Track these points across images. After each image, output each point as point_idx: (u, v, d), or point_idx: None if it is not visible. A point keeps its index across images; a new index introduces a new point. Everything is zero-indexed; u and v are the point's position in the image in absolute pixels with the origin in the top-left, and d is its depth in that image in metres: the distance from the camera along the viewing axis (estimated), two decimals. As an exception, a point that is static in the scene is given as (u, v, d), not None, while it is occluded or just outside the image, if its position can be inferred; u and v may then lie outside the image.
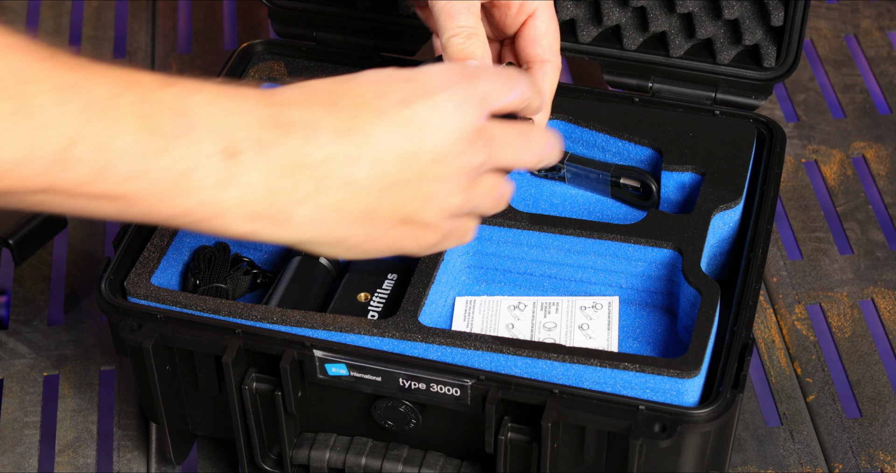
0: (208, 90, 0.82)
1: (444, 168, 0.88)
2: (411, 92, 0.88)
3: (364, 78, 0.89)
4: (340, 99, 0.86)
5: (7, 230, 1.27)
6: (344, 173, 0.85)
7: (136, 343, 1.04)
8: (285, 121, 0.83)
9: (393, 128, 0.86)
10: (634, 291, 1.13)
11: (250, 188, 0.82)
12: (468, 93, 0.89)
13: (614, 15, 1.23)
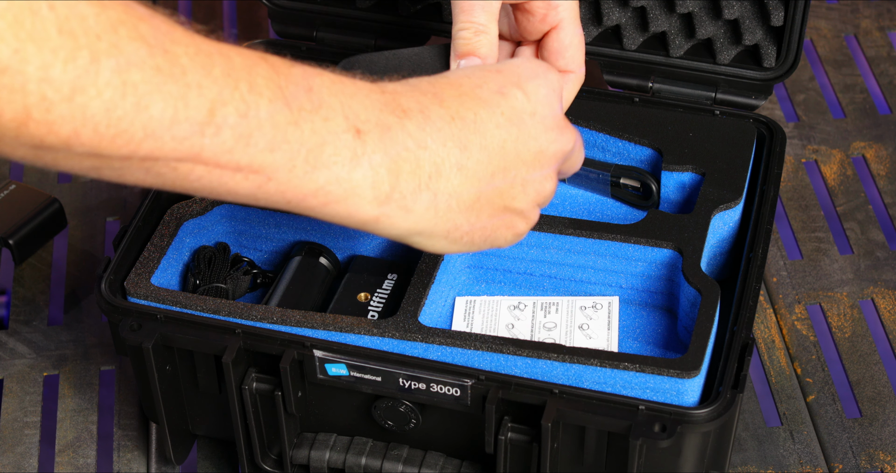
0: (327, 74, 0.82)
1: (541, 154, 0.92)
2: (505, 81, 0.91)
3: (458, 72, 0.92)
4: (443, 89, 0.88)
5: (7, 230, 1.27)
6: (457, 159, 0.87)
7: (136, 343, 1.04)
8: (402, 107, 0.85)
9: (495, 115, 0.89)
10: (634, 291, 1.13)
11: (378, 169, 0.83)
12: (553, 82, 0.94)
13: (614, 15, 1.23)
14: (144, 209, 1.13)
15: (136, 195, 1.38)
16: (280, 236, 1.17)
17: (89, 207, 1.37)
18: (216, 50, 0.76)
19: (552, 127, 0.93)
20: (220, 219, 1.16)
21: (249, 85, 0.76)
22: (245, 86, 0.76)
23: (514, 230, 0.94)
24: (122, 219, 1.36)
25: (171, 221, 1.13)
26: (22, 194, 1.30)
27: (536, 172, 0.92)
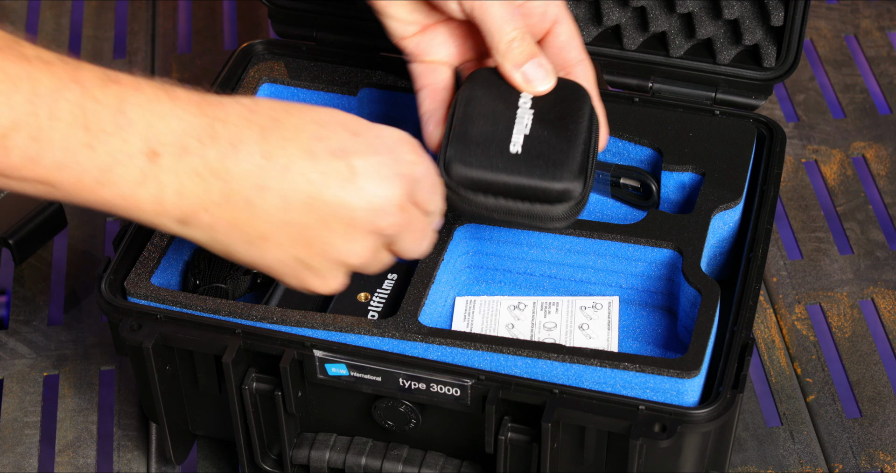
0: (148, 92, 0.86)
1: (349, 227, 0.92)
2: (353, 146, 0.91)
3: (315, 115, 0.92)
4: (279, 127, 0.90)
5: (7, 230, 1.27)
6: (249, 194, 0.89)
7: (136, 343, 1.04)
8: (212, 134, 0.88)
9: (315, 172, 0.89)
10: (634, 291, 1.13)
11: (164, 189, 0.87)
12: (406, 166, 0.93)
13: (614, 15, 1.23)
14: (144, 209, 1.13)
15: (136, 195, 1.38)
16: (280, 236, 1.17)
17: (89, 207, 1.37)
18: (28, 74, 0.81)
19: (378, 208, 0.91)
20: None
21: (50, 111, 0.82)
22: (45, 112, 0.82)
23: (303, 282, 0.95)
24: (122, 219, 1.36)
25: (171, 221, 1.13)
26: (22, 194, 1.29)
27: (342, 242, 0.92)
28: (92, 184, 0.86)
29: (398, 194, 0.92)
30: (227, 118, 0.88)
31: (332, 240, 0.92)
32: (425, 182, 0.96)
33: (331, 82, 1.23)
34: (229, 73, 1.23)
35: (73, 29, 1.55)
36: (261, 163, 0.88)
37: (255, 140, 0.89)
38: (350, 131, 0.92)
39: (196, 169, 0.87)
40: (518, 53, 1.03)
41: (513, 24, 1.02)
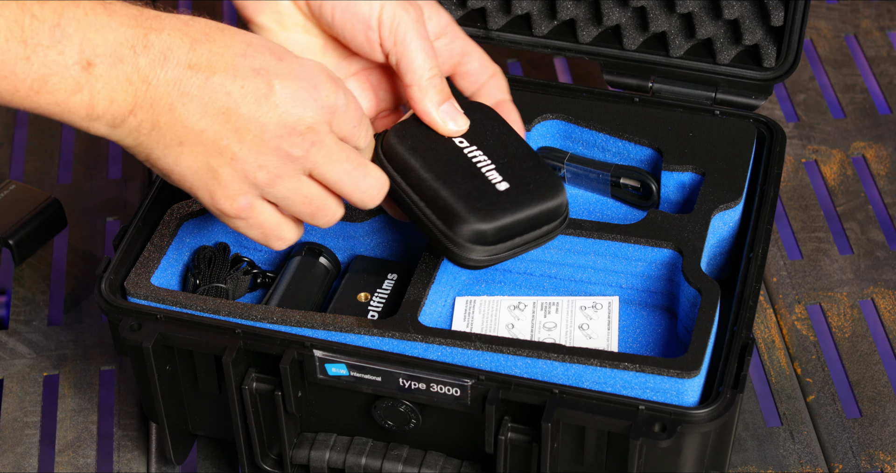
0: (86, 6, 0.91)
1: (259, 141, 0.95)
2: (275, 67, 0.95)
3: (245, 36, 0.96)
4: (209, 41, 0.94)
5: (7, 230, 1.27)
6: (172, 101, 0.94)
7: (136, 343, 1.04)
8: (145, 43, 0.92)
9: (235, 86, 0.94)
10: (634, 291, 1.13)
11: (96, 95, 0.92)
12: (324, 95, 0.96)
13: (614, 15, 1.23)
14: (144, 209, 1.13)
15: (137, 195, 1.38)
16: (280, 236, 1.17)
17: (89, 207, 1.37)
18: None
19: (286, 125, 0.95)
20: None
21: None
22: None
23: (214, 198, 0.98)
24: (122, 219, 1.36)
25: (171, 221, 1.13)
26: (22, 194, 1.30)
27: (250, 154, 0.95)
28: (28, 92, 0.91)
29: (310, 117, 0.96)
30: (161, 28, 0.93)
31: (242, 152, 0.95)
32: (347, 114, 0.98)
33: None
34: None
35: (73, 29, 1.55)
36: (186, 72, 0.93)
37: (184, 50, 0.93)
38: (275, 55, 0.96)
39: (128, 76, 0.92)
40: (438, 92, 1.04)
41: (432, 62, 1.03)
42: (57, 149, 1.43)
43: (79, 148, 1.43)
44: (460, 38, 1.09)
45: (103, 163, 1.42)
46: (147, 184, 1.39)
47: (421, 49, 1.02)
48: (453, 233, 1.01)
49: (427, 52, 1.03)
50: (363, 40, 1.03)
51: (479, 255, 1.02)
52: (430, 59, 1.03)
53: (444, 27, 1.07)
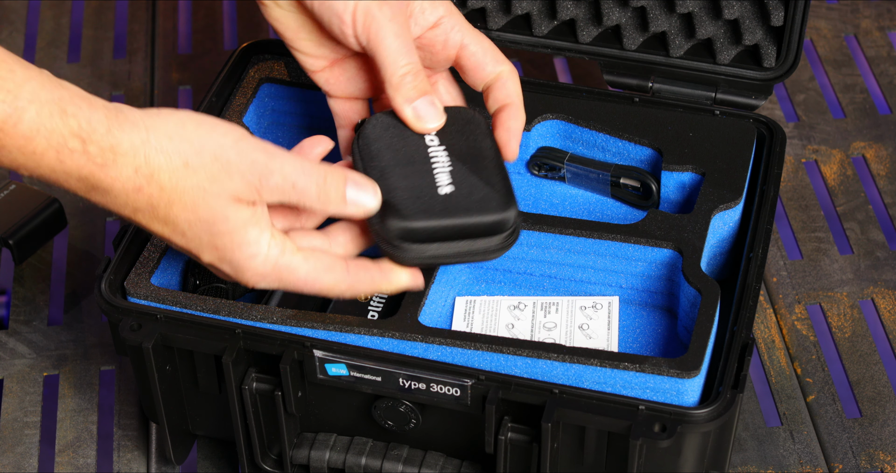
0: (39, 148, 0.91)
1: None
2: (206, 252, 0.98)
3: (188, 216, 0.96)
4: (157, 217, 0.96)
5: (7, 230, 1.27)
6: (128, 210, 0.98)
7: (136, 343, 1.04)
8: (89, 189, 0.95)
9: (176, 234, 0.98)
10: (634, 291, 1.13)
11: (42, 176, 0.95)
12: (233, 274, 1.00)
13: (614, 15, 1.23)
14: (144, 209, 1.13)
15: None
16: (280, 236, 1.17)
17: (89, 207, 1.37)
18: None
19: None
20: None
21: None
22: None
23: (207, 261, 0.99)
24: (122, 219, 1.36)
25: (171, 221, 1.13)
26: (22, 194, 1.30)
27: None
28: None
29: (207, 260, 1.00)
30: (108, 190, 0.94)
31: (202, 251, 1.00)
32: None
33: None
34: (229, 73, 1.23)
35: (73, 29, 1.55)
36: (128, 214, 0.97)
37: (126, 212, 0.96)
38: (211, 245, 0.97)
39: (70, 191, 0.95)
40: (410, 89, 1.02)
41: (407, 58, 1.02)
42: (57, 149, 1.43)
43: (79, 148, 1.43)
44: (459, 31, 1.07)
45: (103, 163, 1.42)
46: (147, 184, 1.39)
47: (392, 46, 1.01)
48: (382, 226, 1.00)
49: (399, 49, 1.01)
50: (338, 33, 1.03)
51: (404, 253, 1.01)
52: (402, 55, 1.02)
53: (438, 18, 1.06)
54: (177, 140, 0.95)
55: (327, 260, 1.00)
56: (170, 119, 0.96)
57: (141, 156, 0.94)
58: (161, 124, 0.95)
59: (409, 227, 0.99)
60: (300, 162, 0.97)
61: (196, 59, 1.51)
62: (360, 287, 1.01)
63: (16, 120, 0.90)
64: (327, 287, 1.00)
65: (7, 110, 0.90)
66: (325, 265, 1.00)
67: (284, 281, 0.99)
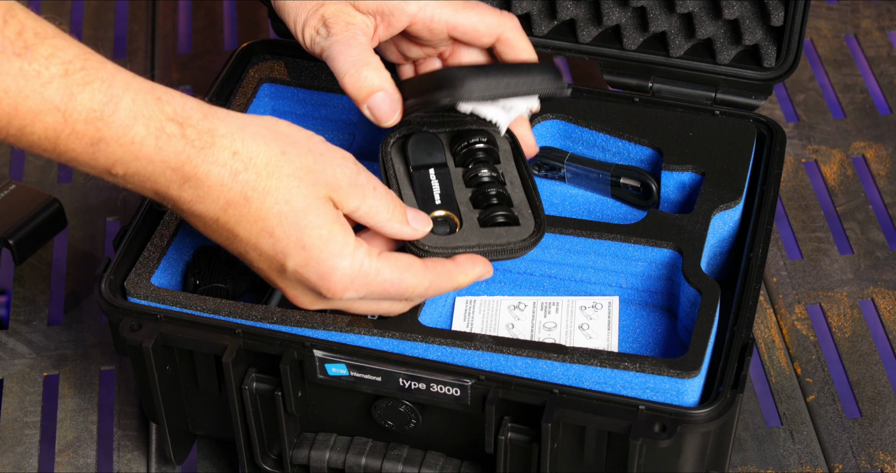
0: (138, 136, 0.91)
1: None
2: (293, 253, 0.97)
3: (278, 212, 0.96)
4: (246, 205, 0.95)
5: (7, 230, 1.27)
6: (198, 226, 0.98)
7: (136, 343, 1.04)
8: (180, 184, 0.94)
9: (253, 253, 0.98)
10: (634, 291, 1.13)
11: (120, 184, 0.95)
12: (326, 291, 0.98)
13: (614, 15, 1.23)
14: (144, 209, 1.13)
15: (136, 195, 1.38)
16: (280, 236, 1.17)
17: (89, 207, 1.37)
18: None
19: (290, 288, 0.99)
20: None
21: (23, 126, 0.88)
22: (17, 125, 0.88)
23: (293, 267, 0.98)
24: (122, 219, 1.36)
25: (171, 221, 1.13)
26: (22, 194, 1.30)
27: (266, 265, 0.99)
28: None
29: (312, 301, 1.00)
30: (201, 183, 0.94)
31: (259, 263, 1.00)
32: (356, 309, 1.02)
33: (331, 82, 1.23)
34: (229, 73, 1.23)
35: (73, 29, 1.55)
36: (210, 220, 0.96)
37: (217, 207, 0.95)
38: (300, 243, 0.96)
39: (156, 190, 0.94)
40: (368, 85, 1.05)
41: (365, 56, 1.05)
42: (57, 149, 1.43)
43: (79, 148, 1.43)
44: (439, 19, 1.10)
45: (103, 163, 1.42)
46: (147, 184, 1.39)
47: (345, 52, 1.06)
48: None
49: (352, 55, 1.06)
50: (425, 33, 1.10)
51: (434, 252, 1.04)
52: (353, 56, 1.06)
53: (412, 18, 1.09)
54: (272, 133, 0.96)
55: (406, 259, 1.00)
56: (261, 117, 0.98)
57: (238, 141, 0.94)
58: (253, 119, 0.96)
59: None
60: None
61: (196, 59, 1.51)
62: (441, 282, 1.01)
63: (113, 108, 0.89)
64: (411, 286, 0.99)
65: (103, 98, 0.89)
66: (405, 264, 0.99)
67: (371, 285, 0.98)
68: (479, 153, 1.09)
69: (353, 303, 1.00)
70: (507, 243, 1.04)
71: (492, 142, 1.10)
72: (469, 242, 1.04)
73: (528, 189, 1.08)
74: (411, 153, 1.08)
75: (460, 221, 1.06)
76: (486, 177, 1.08)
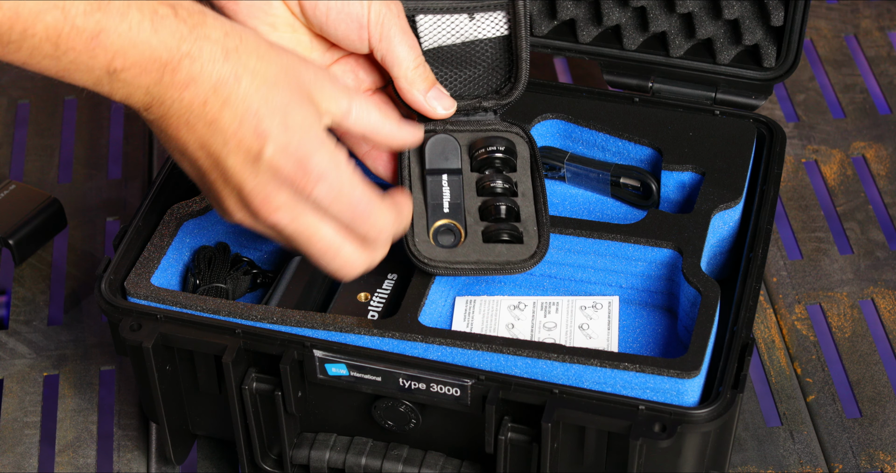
0: (134, 19, 0.91)
1: (238, 196, 0.97)
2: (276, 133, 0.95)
3: (266, 93, 0.95)
4: (235, 84, 0.94)
5: (7, 230, 1.27)
6: (178, 123, 0.95)
7: (136, 343, 1.04)
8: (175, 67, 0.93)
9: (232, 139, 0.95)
10: (634, 291, 1.13)
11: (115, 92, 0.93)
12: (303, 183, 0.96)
13: (614, 15, 1.23)
14: (144, 209, 1.13)
15: (137, 195, 1.38)
16: (280, 236, 1.17)
17: (89, 207, 1.37)
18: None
19: (259, 196, 0.96)
20: (220, 219, 1.16)
21: (24, 28, 0.88)
22: (19, 28, 0.88)
23: (215, 205, 0.99)
24: (122, 219, 1.36)
25: (171, 221, 1.13)
26: (22, 194, 1.30)
27: (231, 203, 0.97)
28: (55, 75, 0.92)
29: (284, 198, 0.96)
30: (197, 57, 0.93)
31: (223, 192, 0.97)
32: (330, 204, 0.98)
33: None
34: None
35: None
36: (200, 105, 0.94)
37: (205, 86, 0.93)
38: (284, 123, 0.95)
39: (148, 88, 0.93)
40: (423, 80, 1.07)
41: (415, 52, 1.06)
42: (57, 149, 1.43)
43: (79, 148, 1.43)
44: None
45: (103, 163, 1.42)
46: (147, 184, 1.39)
47: (404, 43, 1.05)
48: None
49: (409, 45, 1.06)
50: (356, 39, 1.05)
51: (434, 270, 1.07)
52: (412, 50, 1.06)
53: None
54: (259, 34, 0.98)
55: (379, 191, 1.01)
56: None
57: (228, 23, 0.95)
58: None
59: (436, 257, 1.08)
60: None
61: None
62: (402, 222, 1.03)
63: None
64: (379, 213, 1.00)
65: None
66: (379, 193, 1.00)
67: (344, 189, 0.97)
68: (496, 161, 1.10)
69: (310, 222, 0.98)
70: (506, 263, 1.06)
71: (510, 151, 1.10)
72: (469, 258, 1.06)
73: (538, 203, 1.08)
74: (428, 155, 1.09)
75: (465, 233, 1.06)
76: (498, 188, 1.09)
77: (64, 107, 1.47)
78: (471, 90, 1.13)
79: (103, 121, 1.46)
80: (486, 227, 1.07)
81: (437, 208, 1.08)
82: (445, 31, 1.11)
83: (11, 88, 1.49)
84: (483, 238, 1.07)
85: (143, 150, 1.43)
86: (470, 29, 1.12)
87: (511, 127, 1.12)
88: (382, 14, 1.04)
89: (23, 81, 1.49)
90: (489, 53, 1.12)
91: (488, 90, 1.13)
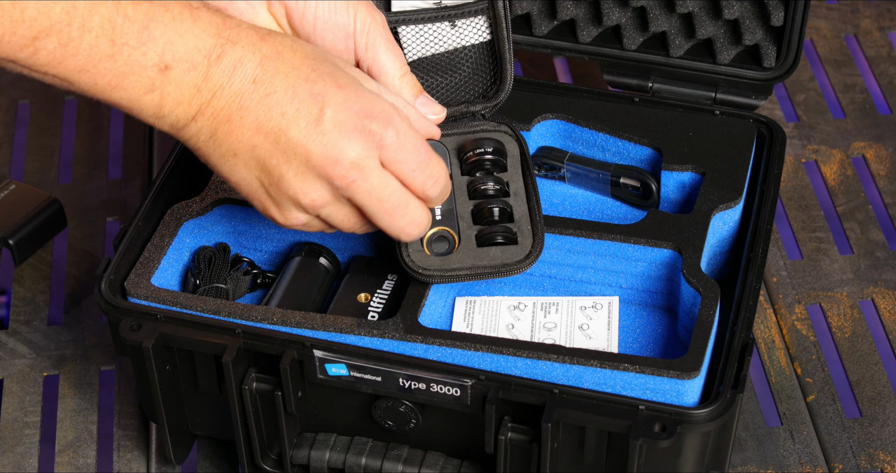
0: (175, 10, 0.94)
1: (305, 167, 0.98)
2: (331, 94, 0.97)
3: (313, 59, 0.98)
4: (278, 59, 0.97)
5: (7, 230, 1.27)
6: (231, 112, 0.97)
7: (136, 343, 1.04)
8: (219, 54, 0.96)
9: (290, 108, 0.97)
10: (634, 291, 1.13)
11: (166, 97, 0.96)
12: (375, 127, 0.98)
13: (614, 15, 1.23)
14: (144, 209, 1.13)
15: (137, 195, 1.38)
16: (280, 236, 1.17)
17: (89, 207, 1.37)
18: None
19: (331, 157, 0.97)
20: (221, 219, 1.16)
21: (82, 22, 0.91)
22: (78, 23, 0.91)
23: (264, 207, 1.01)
24: (122, 219, 1.36)
25: (171, 221, 1.13)
26: (22, 194, 1.30)
27: (295, 179, 0.98)
28: (105, 86, 0.94)
29: (355, 151, 0.97)
30: (237, 40, 0.96)
31: (288, 176, 0.98)
32: (400, 152, 0.99)
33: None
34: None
35: None
36: (249, 86, 0.96)
37: (253, 65, 0.96)
38: (336, 83, 0.98)
39: (197, 83, 0.95)
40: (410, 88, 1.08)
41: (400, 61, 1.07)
42: (57, 149, 1.43)
43: (79, 148, 1.43)
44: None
45: (103, 163, 1.42)
46: (147, 184, 1.39)
47: (389, 52, 1.06)
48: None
49: (395, 54, 1.07)
50: (342, 49, 1.06)
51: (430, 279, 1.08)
52: (398, 59, 1.07)
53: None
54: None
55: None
56: None
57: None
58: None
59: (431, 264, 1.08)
60: None
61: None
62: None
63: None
64: (435, 156, 1.02)
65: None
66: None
67: (409, 129, 1.00)
68: (486, 163, 1.10)
69: (380, 177, 0.99)
70: (501, 265, 1.06)
71: (499, 151, 1.10)
72: (464, 264, 1.06)
73: (530, 202, 1.08)
74: None
75: (459, 238, 1.06)
76: (490, 190, 1.09)
77: (64, 107, 1.47)
78: (458, 96, 1.13)
79: (103, 121, 1.46)
80: (479, 231, 1.07)
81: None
82: (429, 41, 1.12)
83: (11, 88, 1.49)
84: (477, 242, 1.07)
85: (143, 150, 1.43)
86: (452, 37, 1.12)
87: (499, 126, 1.12)
88: (368, 24, 1.05)
89: (23, 81, 1.49)
90: (473, 58, 1.12)
91: (475, 94, 1.13)
